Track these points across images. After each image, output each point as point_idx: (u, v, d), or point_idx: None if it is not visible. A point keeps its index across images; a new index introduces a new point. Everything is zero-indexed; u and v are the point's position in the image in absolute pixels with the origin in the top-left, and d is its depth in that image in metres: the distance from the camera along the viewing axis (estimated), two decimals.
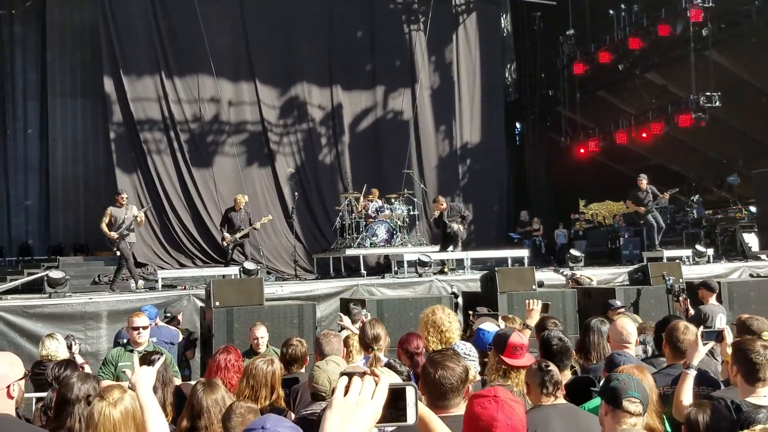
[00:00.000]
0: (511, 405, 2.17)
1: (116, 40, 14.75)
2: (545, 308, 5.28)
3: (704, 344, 3.85)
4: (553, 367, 3.42)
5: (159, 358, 4.13)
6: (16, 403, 3.06)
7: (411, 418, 1.44)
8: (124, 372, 5.46)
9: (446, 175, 17.96)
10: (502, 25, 20.36)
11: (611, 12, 16.96)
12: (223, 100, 15.73)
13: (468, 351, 4.26)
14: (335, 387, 1.51)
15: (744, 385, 3.52)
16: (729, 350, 3.83)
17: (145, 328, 5.82)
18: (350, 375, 1.46)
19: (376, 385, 1.38)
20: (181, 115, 15.41)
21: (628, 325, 4.52)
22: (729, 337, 3.98)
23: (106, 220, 11.04)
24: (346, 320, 6.27)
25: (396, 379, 1.60)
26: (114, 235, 10.87)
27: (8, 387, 2.98)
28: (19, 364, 3.13)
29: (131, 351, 5.79)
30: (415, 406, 1.45)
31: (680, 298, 8.03)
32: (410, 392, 1.44)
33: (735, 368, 3.56)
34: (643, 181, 13.58)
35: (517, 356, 3.82)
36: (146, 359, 4.34)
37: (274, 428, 1.94)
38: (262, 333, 6.23)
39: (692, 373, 3.74)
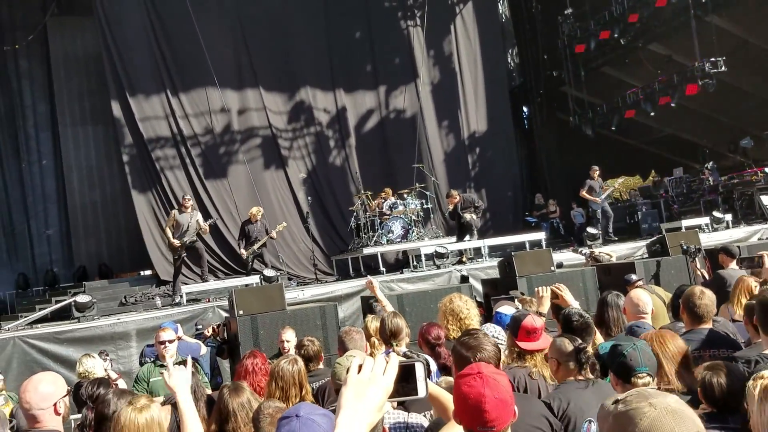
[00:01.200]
0: (496, 379, 2.21)
1: (119, 63, 14.95)
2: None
3: (742, 268, 3.83)
4: (588, 346, 3.46)
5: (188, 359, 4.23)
6: (62, 419, 3.19)
7: (421, 392, 1.56)
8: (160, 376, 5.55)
9: (457, 165, 17.98)
10: (500, 11, 20.32)
11: None
12: (230, 111, 15.88)
13: (497, 334, 4.32)
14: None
15: (764, 336, 3.52)
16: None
17: (171, 341, 5.93)
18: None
19: (387, 363, 1.51)
20: (190, 130, 15.58)
21: (642, 295, 4.56)
22: None
23: (170, 223, 11.45)
24: (376, 285, 6.35)
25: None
26: (176, 243, 11.22)
27: (54, 404, 3.12)
28: (62, 381, 3.26)
29: (161, 366, 5.92)
30: (425, 381, 1.56)
31: (694, 260, 8.04)
32: (419, 368, 1.56)
33: (756, 318, 3.56)
34: (596, 171, 14.39)
35: (531, 339, 3.86)
36: None
37: (308, 415, 2.01)
38: (289, 336, 6.25)
39: None
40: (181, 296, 11.11)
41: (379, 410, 1.49)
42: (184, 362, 4.92)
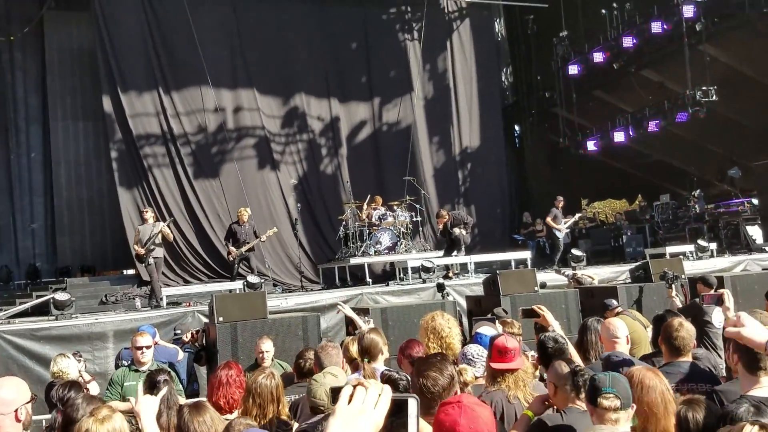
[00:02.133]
0: (474, 409, 2.20)
1: (113, 59, 14.90)
2: (530, 313, 5.28)
3: (706, 306, 3.82)
4: (585, 369, 3.45)
5: (164, 382, 4.18)
6: (23, 426, 3.14)
7: (412, 430, 1.46)
8: (129, 399, 5.52)
9: (447, 180, 18.03)
10: (496, 30, 20.45)
11: (603, 11, 17.01)
12: (223, 112, 15.84)
13: (479, 353, 4.31)
14: (339, 396, 1.58)
15: (745, 374, 3.45)
16: (730, 314, 3.80)
17: (148, 347, 5.88)
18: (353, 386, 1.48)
19: (380, 395, 1.41)
20: (180, 129, 15.52)
21: (614, 321, 4.58)
22: (729, 301, 3.93)
23: (135, 237, 11.43)
24: (345, 308, 6.32)
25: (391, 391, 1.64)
26: (141, 251, 11.11)
27: (16, 411, 3.06)
28: (25, 387, 3.19)
29: (136, 371, 5.87)
30: (417, 418, 1.47)
31: (671, 287, 8.11)
32: (412, 404, 1.47)
33: (735, 357, 3.47)
34: (561, 202, 14.94)
35: (502, 360, 3.85)
36: (152, 379, 4.42)
37: None
38: (267, 347, 6.20)
39: None
40: (161, 299, 11.02)
41: None
42: (161, 371, 4.88)
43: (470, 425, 2.15)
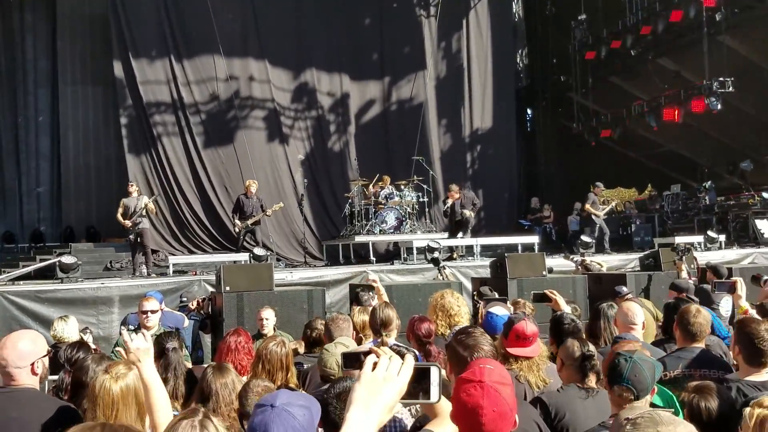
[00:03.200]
0: (497, 389, 2.11)
1: (125, 24, 14.76)
2: (542, 297, 5.23)
3: (716, 293, 3.80)
4: (596, 355, 3.41)
5: (173, 350, 4.12)
6: (40, 380, 3.11)
7: (434, 397, 1.55)
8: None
9: (456, 161, 17.90)
10: (514, 11, 20.20)
11: None
12: (234, 82, 15.71)
13: None
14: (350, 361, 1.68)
15: (744, 365, 3.53)
16: (742, 303, 3.78)
17: (154, 312, 5.85)
18: (365, 354, 1.57)
19: (403, 363, 1.49)
20: (191, 98, 15.41)
21: (633, 307, 4.52)
22: (742, 290, 3.90)
23: (120, 210, 11.45)
24: (376, 279, 6.31)
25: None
26: (127, 223, 11.18)
27: (32, 364, 3.04)
28: (42, 341, 3.18)
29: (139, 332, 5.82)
30: (439, 386, 1.55)
31: (682, 259, 8.06)
32: (434, 372, 1.55)
33: (737, 348, 3.55)
34: (600, 188, 14.92)
35: (520, 344, 3.78)
36: (161, 343, 4.37)
37: (284, 406, 1.89)
38: (267, 315, 6.27)
39: None
40: (168, 266, 11.00)
41: (390, 411, 1.46)
42: (169, 333, 4.83)
43: (493, 407, 2.07)
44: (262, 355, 3.95)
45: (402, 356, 1.55)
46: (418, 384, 1.52)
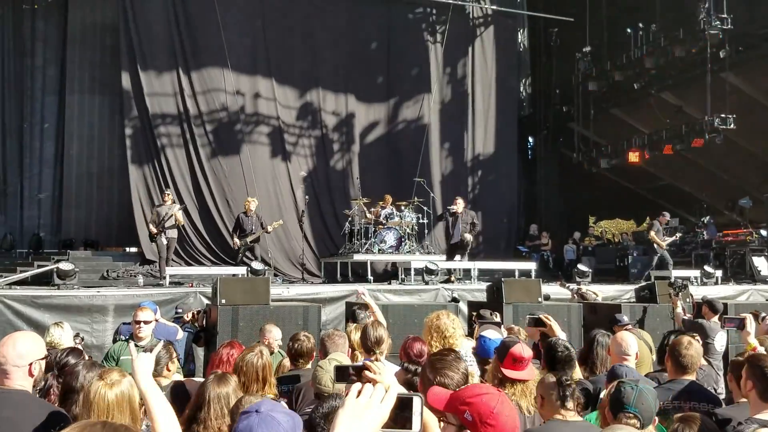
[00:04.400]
0: (510, 402, 2.20)
1: (135, 36, 14.91)
2: (537, 322, 5.23)
3: (724, 327, 3.78)
4: (572, 381, 3.41)
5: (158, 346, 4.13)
6: (34, 382, 3.12)
7: (416, 427, 1.58)
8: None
9: (456, 185, 17.94)
10: (519, 40, 20.40)
11: (629, 30, 16.94)
12: (240, 98, 15.83)
13: (468, 359, 4.27)
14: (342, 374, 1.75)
15: (757, 401, 3.44)
16: (750, 339, 3.75)
17: (147, 322, 5.82)
18: (356, 378, 1.70)
19: (386, 391, 1.55)
20: (196, 112, 15.52)
21: (627, 337, 4.53)
22: (751, 327, 3.87)
23: (152, 217, 12.10)
24: (366, 295, 6.23)
25: (400, 388, 1.78)
26: (153, 230, 11.81)
27: (30, 365, 3.04)
28: (42, 343, 3.19)
29: (134, 345, 5.80)
30: (420, 416, 1.58)
31: (678, 294, 8.06)
32: (417, 402, 1.59)
33: (750, 383, 3.46)
34: (666, 218, 14.64)
35: (516, 368, 3.80)
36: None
37: (269, 412, 1.95)
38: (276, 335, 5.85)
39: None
40: (164, 278, 11.02)
41: None
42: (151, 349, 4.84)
43: (507, 412, 2.17)
44: (238, 366, 3.93)
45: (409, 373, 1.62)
46: (401, 412, 1.56)
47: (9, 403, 2.95)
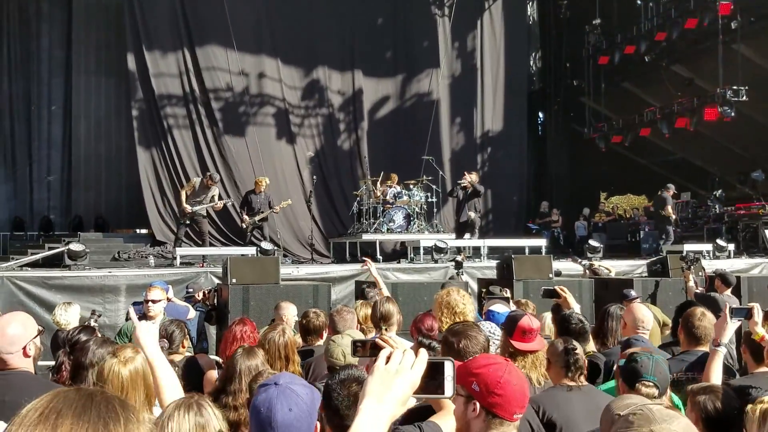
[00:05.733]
0: (519, 371, 2.18)
1: (140, 16, 14.81)
2: (552, 293, 5.21)
3: (732, 321, 3.73)
4: (579, 349, 3.40)
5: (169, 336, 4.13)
6: (33, 360, 3.12)
7: (448, 392, 1.51)
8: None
9: (466, 162, 17.80)
10: (528, 13, 20.16)
11: (639, 2, 16.71)
12: (245, 78, 15.73)
13: (492, 330, 4.26)
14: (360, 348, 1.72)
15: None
16: (758, 329, 3.71)
17: (155, 301, 5.84)
18: (372, 344, 1.63)
19: (416, 357, 1.48)
20: (203, 92, 15.45)
21: (642, 309, 4.49)
22: (759, 316, 3.83)
23: (187, 190, 11.98)
24: (372, 267, 6.20)
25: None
26: (187, 208, 11.71)
27: (24, 347, 3.04)
28: (32, 322, 3.17)
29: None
30: (453, 380, 1.52)
31: (690, 268, 8.00)
32: (449, 366, 1.52)
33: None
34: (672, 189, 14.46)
35: (526, 340, 3.79)
36: (164, 330, 4.43)
37: (287, 384, 1.93)
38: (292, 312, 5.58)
39: (722, 351, 3.64)
40: (175, 258, 11.06)
41: (404, 404, 1.45)
42: (172, 321, 4.85)
43: (515, 382, 2.16)
44: (262, 345, 3.95)
45: (428, 349, 1.55)
46: (432, 378, 1.50)
47: (9, 387, 2.94)
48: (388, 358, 1.47)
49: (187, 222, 12.01)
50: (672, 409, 1.77)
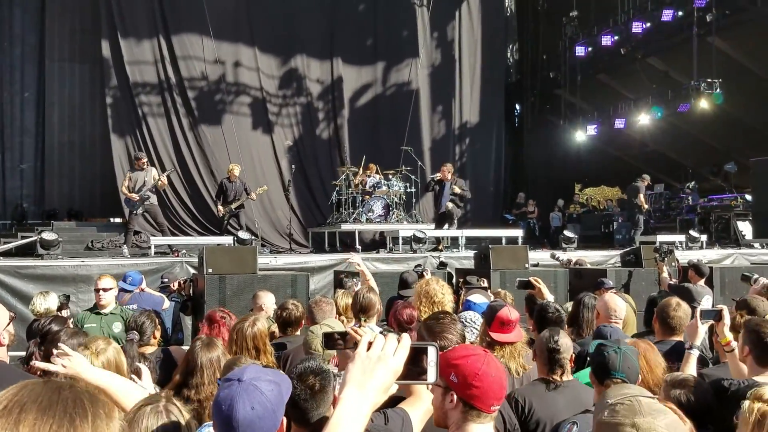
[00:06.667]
0: (498, 362, 2.19)
1: (115, 2, 14.59)
2: (527, 284, 5.27)
3: (702, 323, 3.80)
4: (564, 345, 3.41)
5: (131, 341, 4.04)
6: (7, 348, 3.07)
7: (432, 377, 1.48)
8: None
9: (444, 153, 17.88)
10: (506, 5, 20.19)
11: None
12: (222, 66, 15.58)
13: (473, 319, 4.28)
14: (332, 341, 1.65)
15: (754, 366, 3.42)
16: (726, 331, 3.78)
17: (106, 290, 5.76)
18: (345, 344, 1.60)
19: (399, 343, 1.43)
20: (178, 80, 15.28)
21: (614, 298, 4.56)
22: (727, 318, 3.92)
23: (126, 183, 11.44)
24: (358, 260, 6.18)
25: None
26: (135, 196, 11.20)
27: None
28: (3, 310, 3.11)
29: (97, 313, 5.78)
30: (436, 366, 1.48)
31: (664, 260, 8.12)
32: (432, 351, 1.48)
33: (747, 348, 3.45)
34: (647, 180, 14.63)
35: (504, 330, 3.82)
36: (134, 323, 4.39)
37: (252, 380, 1.83)
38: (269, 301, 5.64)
39: (695, 353, 3.68)
40: (150, 247, 10.93)
41: (386, 392, 1.41)
42: (145, 312, 4.78)
43: (493, 373, 2.15)
44: (231, 337, 3.91)
45: (425, 345, 1.51)
46: (415, 365, 1.47)
47: None
48: (370, 344, 1.43)
49: (138, 212, 11.63)
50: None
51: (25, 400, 1.05)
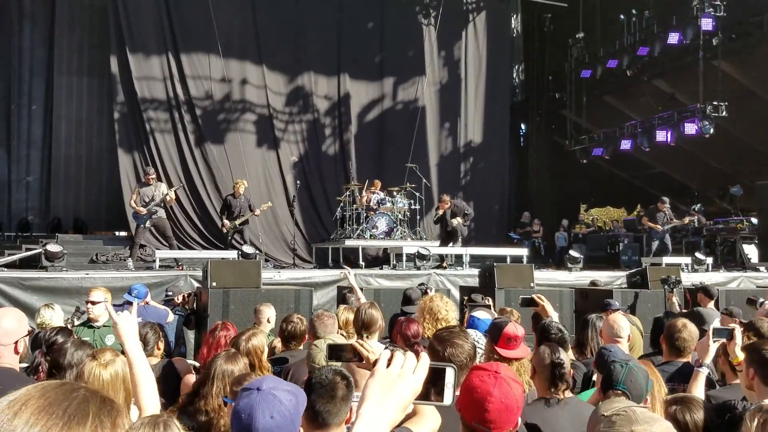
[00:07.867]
0: (509, 383, 2.15)
1: (124, 18, 14.71)
2: (530, 302, 5.23)
3: (714, 342, 3.75)
4: (565, 361, 3.38)
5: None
6: (20, 359, 3.08)
7: (448, 400, 1.46)
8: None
9: (449, 171, 17.94)
10: (512, 26, 20.33)
11: (622, 17, 16.91)
12: (229, 83, 15.68)
13: (477, 338, 4.25)
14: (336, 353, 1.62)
15: (762, 387, 3.31)
16: (737, 350, 3.73)
17: (94, 303, 5.71)
18: (350, 357, 1.63)
19: (418, 361, 1.41)
20: (186, 96, 15.36)
21: (619, 319, 4.52)
22: (739, 337, 3.87)
23: (134, 197, 11.56)
24: (351, 275, 6.13)
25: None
26: (143, 210, 11.28)
27: (16, 342, 3.00)
28: (25, 320, 3.16)
29: (90, 327, 5.76)
30: (453, 388, 1.46)
31: (673, 291, 8.09)
32: (450, 373, 1.46)
33: (752, 371, 3.35)
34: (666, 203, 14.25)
35: (510, 347, 3.80)
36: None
37: (270, 390, 1.87)
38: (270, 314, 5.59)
39: (704, 372, 3.64)
40: (154, 261, 10.93)
41: (404, 410, 1.38)
42: (145, 325, 4.76)
43: (502, 399, 2.10)
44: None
45: (443, 366, 1.48)
46: (432, 384, 1.44)
47: None
48: (389, 361, 1.40)
49: (146, 226, 11.70)
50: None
51: (32, 396, 1.05)
